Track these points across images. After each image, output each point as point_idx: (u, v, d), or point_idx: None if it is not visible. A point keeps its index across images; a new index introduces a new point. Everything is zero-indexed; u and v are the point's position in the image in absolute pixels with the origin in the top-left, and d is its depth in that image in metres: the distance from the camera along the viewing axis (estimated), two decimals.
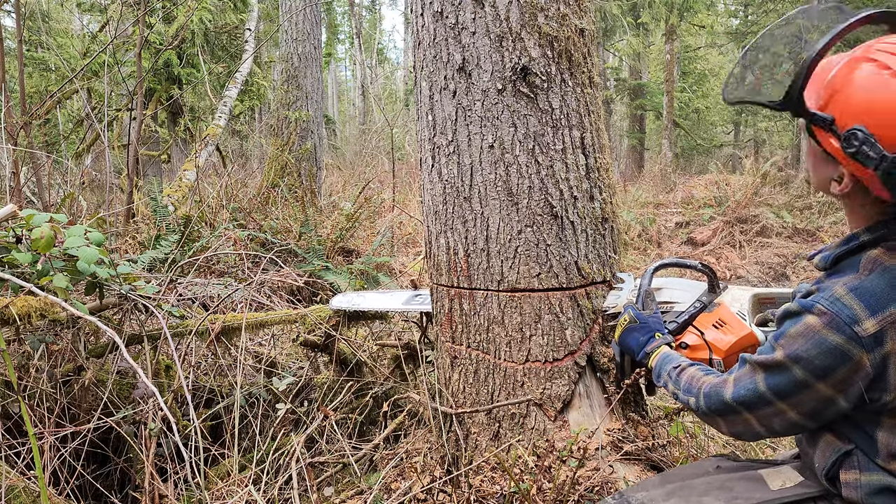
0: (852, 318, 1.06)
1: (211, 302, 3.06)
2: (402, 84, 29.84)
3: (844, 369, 1.08)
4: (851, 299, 1.07)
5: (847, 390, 1.10)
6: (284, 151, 7.46)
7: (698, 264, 1.78)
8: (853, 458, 1.16)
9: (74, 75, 5.73)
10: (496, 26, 1.88)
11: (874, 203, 1.13)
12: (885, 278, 1.08)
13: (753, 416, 1.22)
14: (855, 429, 1.17)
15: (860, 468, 1.15)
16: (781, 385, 1.15)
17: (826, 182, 1.18)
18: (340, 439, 2.27)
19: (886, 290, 1.06)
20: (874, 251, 1.11)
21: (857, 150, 1.04)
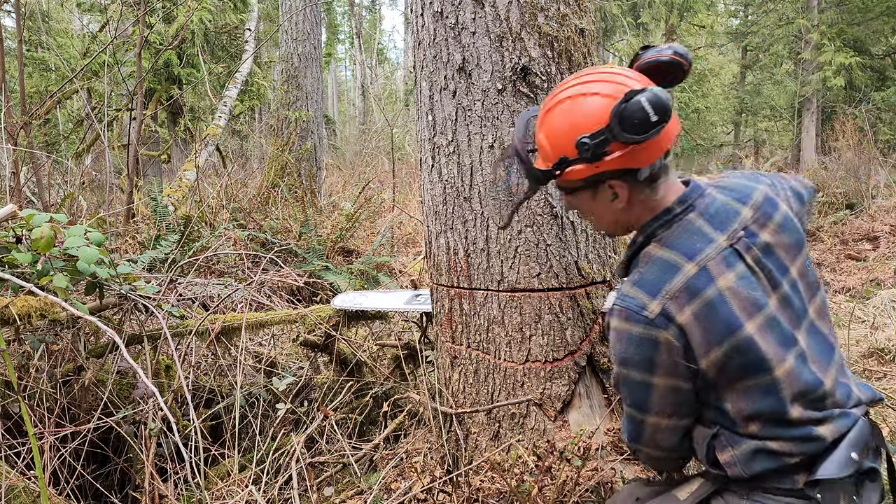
0: (640, 306, 1.19)
1: (211, 302, 3.06)
2: (402, 84, 29.84)
3: (660, 354, 1.19)
4: (636, 291, 1.21)
5: (677, 371, 1.19)
6: (284, 151, 7.46)
7: None
8: (720, 438, 1.23)
9: (74, 75, 5.73)
10: (496, 26, 1.88)
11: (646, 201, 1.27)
12: (657, 265, 1.22)
13: (644, 446, 1.34)
14: (711, 410, 1.25)
15: (730, 444, 1.22)
16: (632, 395, 1.27)
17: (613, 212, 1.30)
18: (340, 439, 2.27)
19: (659, 274, 1.20)
20: (647, 248, 1.27)
21: (592, 149, 1.18)
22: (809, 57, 12.41)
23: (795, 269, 1.25)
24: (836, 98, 13.34)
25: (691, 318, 1.17)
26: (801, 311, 1.23)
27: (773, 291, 1.21)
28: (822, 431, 1.17)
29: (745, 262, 1.21)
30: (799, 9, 13.11)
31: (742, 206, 1.26)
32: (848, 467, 1.16)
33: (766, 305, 1.18)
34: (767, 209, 1.26)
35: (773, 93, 17.17)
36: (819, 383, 1.19)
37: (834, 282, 5.81)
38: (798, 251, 1.26)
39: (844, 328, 3.81)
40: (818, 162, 10.55)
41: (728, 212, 1.25)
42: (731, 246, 1.21)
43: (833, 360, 1.24)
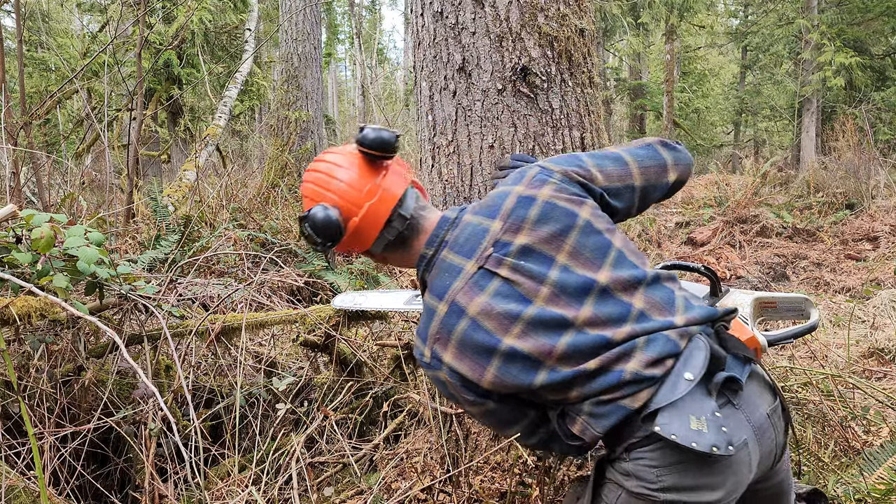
0: (420, 353, 1.34)
1: (211, 302, 3.06)
2: (402, 84, 29.83)
3: (448, 388, 1.33)
4: (416, 339, 1.35)
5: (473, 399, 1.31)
6: (284, 151, 7.46)
7: (701, 267, 1.78)
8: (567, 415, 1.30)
9: (74, 75, 5.73)
10: (496, 26, 1.88)
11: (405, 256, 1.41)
12: (425, 312, 1.34)
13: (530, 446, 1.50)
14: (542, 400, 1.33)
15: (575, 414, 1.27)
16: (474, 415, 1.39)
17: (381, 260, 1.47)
18: (340, 439, 2.27)
19: (425, 320, 1.32)
20: (424, 296, 1.37)
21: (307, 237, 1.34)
22: (809, 57, 12.41)
23: (565, 254, 1.27)
24: (836, 98, 13.34)
25: (454, 354, 1.27)
26: (583, 286, 1.25)
27: (539, 286, 1.25)
28: (632, 367, 1.19)
29: (500, 276, 1.26)
30: (799, 9, 13.11)
31: (492, 220, 1.31)
32: (683, 388, 1.16)
33: (523, 312, 1.23)
34: (519, 212, 1.30)
35: (773, 93, 17.17)
36: (602, 339, 1.22)
37: (834, 282, 5.81)
38: (565, 234, 1.28)
39: (844, 328, 3.82)
40: (818, 162, 10.55)
41: (477, 233, 1.31)
42: (480, 268, 1.28)
43: (631, 310, 1.25)
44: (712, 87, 20.98)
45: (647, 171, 1.40)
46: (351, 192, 1.31)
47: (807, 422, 2.43)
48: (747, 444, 1.18)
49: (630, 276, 1.27)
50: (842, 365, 3.25)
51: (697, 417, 1.14)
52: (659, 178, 1.42)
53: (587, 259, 1.27)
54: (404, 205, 1.35)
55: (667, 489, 1.17)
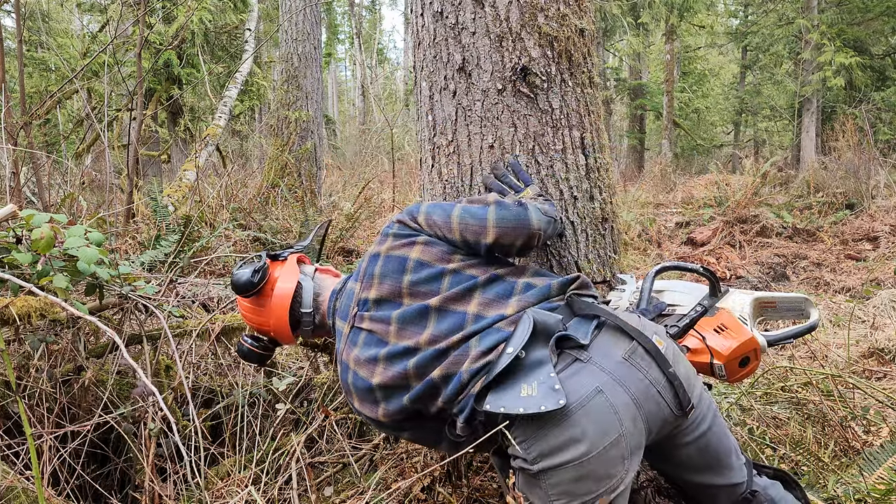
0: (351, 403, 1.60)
1: (211, 302, 3.06)
2: (402, 84, 29.84)
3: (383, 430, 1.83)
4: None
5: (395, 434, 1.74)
6: (284, 151, 7.46)
7: (700, 268, 1.78)
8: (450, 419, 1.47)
9: (74, 75, 5.73)
10: (496, 26, 1.88)
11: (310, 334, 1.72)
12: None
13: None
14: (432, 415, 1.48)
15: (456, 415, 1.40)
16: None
17: None
18: (340, 439, 2.27)
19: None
20: None
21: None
22: (809, 57, 12.41)
23: (404, 293, 1.45)
24: (836, 98, 13.35)
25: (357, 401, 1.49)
26: (420, 314, 1.42)
27: (388, 327, 1.44)
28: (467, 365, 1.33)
29: (365, 329, 1.47)
30: (799, 9, 13.11)
31: (355, 282, 1.54)
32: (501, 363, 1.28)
33: (379, 353, 1.43)
34: (369, 269, 1.50)
35: (773, 93, 17.18)
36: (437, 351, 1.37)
37: (834, 282, 5.81)
38: (400, 280, 1.46)
39: (844, 328, 3.82)
40: (818, 162, 10.55)
41: (349, 297, 1.54)
42: (352, 327, 1.49)
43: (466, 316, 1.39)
44: (712, 87, 20.99)
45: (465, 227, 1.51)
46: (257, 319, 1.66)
47: (807, 422, 2.43)
48: (601, 390, 1.25)
49: (461, 287, 1.41)
50: (842, 365, 3.25)
51: (529, 384, 1.25)
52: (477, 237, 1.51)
53: (423, 291, 1.44)
54: (302, 303, 1.62)
55: (536, 459, 1.26)
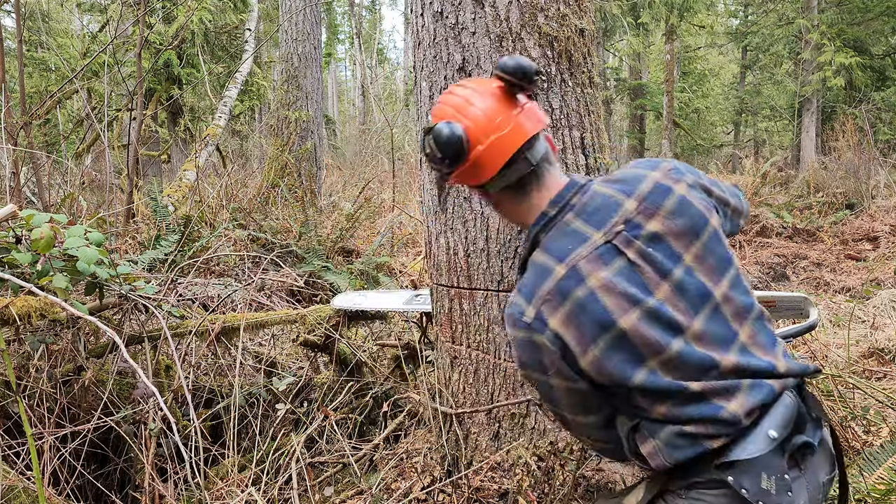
0: (520, 311, 1.22)
1: (211, 302, 3.06)
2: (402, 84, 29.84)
3: (545, 357, 1.21)
4: (517, 296, 1.24)
5: (565, 373, 1.21)
6: (284, 151, 7.45)
7: None
8: (641, 429, 1.21)
9: (74, 75, 5.73)
10: (496, 26, 1.88)
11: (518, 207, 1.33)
12: (534, 270, 1.25)
13: (581, 438, 1.36)
14: (626, 403, 1.23)
15: (650, 434, 1.19)
16: (542, 395, 1.30)
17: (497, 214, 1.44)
18: (340, 439, 2.27)
19: (534, 279, 1.23)
20: (533, 254, 1.29)
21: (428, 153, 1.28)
22: (809, 57, 12.40)
23: (691, 255, 1.21)
24: (836, 98, 13.34)
25: (563, 320, 1.18)
26: (701, 295, 1.20)
27: (662, 280, 1.19)
28: (733, 408, 1.13)
29: (626, 257, 1.19)
30: (799, 9, 13.11)
31: (626, 197, 1.25)
32: (764, 445, 1.12)
33: (644, 299, 1.17)
34: (656, 198, 1.24)
35: (773, 93, 17.17)
36: (710, 360, 1.16)
37: (834, 282, 5.81)
38: (695, 236, 1.22)
39: (844, 328, 3.81)
40: (818, 162, 10.55)
41: (609, 206, 1.24)
42: (607, 242, 1.21)
43: (736, 339, 1.20)
44: (712, 87, 20.97)
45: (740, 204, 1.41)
46: (482, 119, 1.24)
47: None
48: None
49: (742, 301, 1.23)
50: (842, 365, 3.24)
51: (768, 476, 1.12)
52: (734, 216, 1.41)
53: (710, 267, 1.22)
54: (533, 149, 1.27)
55: None
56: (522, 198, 1.30)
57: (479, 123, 1.23)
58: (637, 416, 1.22)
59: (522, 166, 1.27)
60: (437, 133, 1.22)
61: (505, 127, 1.23)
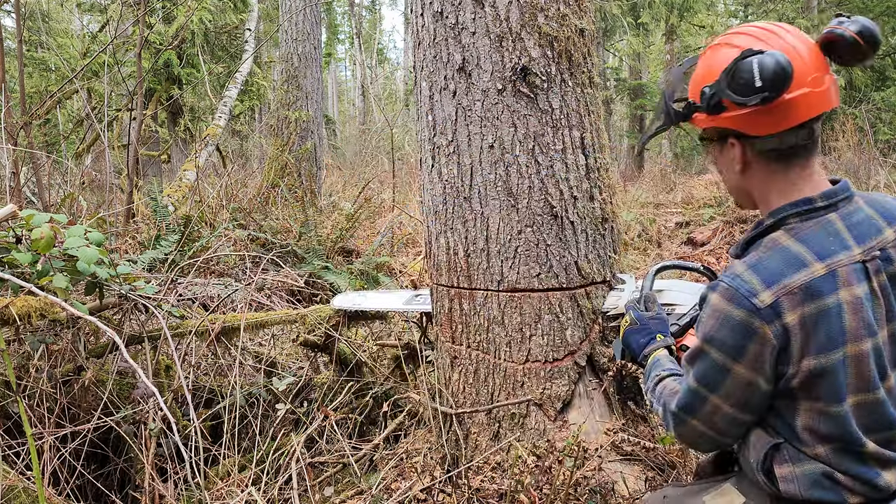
0: (750, 291, 1.11)
1: (211, 302, 3.06)
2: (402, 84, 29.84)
3: (753, 345, 1.11)
4: (749, 275, 1.13)
5: (762, 368, 1.13)
6: (284, 151, 7.46)
7: (700, 266, 1.78)
8: (783, 451, 1.17)
9: (74, 75, 5.73)
10: (496, 26, 1.88)
11: (771, 177, 1.21)
12: (781, 255, 1.14)
13: (697, 420, 1.24)
14: (779, 420, 1.18)
15: (792, 461, 1.16)
16: (705, 372, 1.18)
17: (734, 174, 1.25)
18: (340, 439, 2.27)
19: (781, 266, 1.12)
20: (775, 233, 1.18)
21: (709, 99, 1.16)
22: None
23: None
24: None
25: (800, 320, 1.09)
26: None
27: (886, 323, 1.14)
28: (889, 478, 1.12)
29: (871, 284, 1.13)
30: (799, 9, 13.12)
31: (887, 225, 1.18)
32: None
33: (876, 333, 1.12)
34: None
35: None
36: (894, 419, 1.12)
37: None
38: None
39: None
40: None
41: (870, 227, 1.17)
42: (862, 262, 1.13)
43: None
44: None
45: None
46: (805, 67, 1.13)
47: None
48: None
49: None
50: None
51: None
52: None
53: None
54: (818, 123, 1.18)
55: None
56: (782, 171, 1.20)
57: (802, 69, 1.13)
58: (783, 437, 1.18)
59: (804, 136, 1.17)
60: (767, 59, 1.09)
61: (819, 86, 1.14)
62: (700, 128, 1.24)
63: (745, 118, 1.15)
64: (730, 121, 1.17)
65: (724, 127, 1.19)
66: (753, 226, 1.25)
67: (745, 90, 1.11)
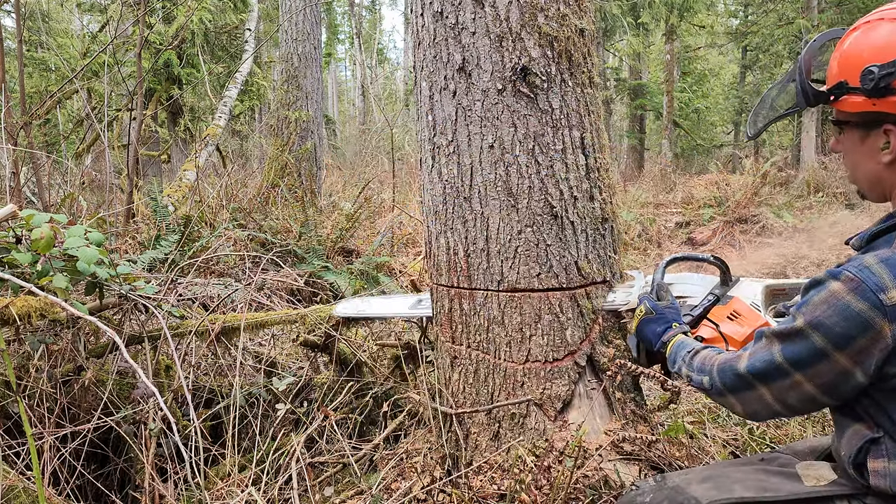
0: (879, 286, 1.05)
1: (211, 302, 3.06)
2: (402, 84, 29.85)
3: (864, 339, 1.06)
4: (881, 268, 1.06)
5: (864, 362, 1.08)
6: (284, 151, 7.46)
7: (710, 257, 1.78)
8: (881, 445, 1.14)
9: (74, 75, 5.73)
10: (496, 26, 1.88)
11: None
12: None
13: (768, 389, 1.19)
14: (881, 413, 1.14)
15: (888, 455, 1.12)
16: (799, 354, 1.13)
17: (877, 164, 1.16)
18: (340, 439, 2.27)
19: None
20: None
21: (877, 81, 1.06)
22: None
23: None
24: None
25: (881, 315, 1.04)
26: None
27: None
28: None
29: None
30: (799, 9, 13.12)
31: None
32: None
33: None
34: None
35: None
36: None
37: None
38: None
39: None
40: (818, 162, 10.55)
41: None
42: None
43: None
44: (712, 87, 20.99)
45: None
46: None
47: (806, 421, 2.43)
48: None
49: None
50: None
51: None
52: None
53: None
54: None
55: None
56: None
57: None
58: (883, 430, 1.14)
59: None
60: None
61: None
62: (847, 111, 1.15)
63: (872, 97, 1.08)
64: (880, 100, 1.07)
65: (885, 111, 1.09)
66: (884, 218, 1.18)
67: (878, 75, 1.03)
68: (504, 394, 1.98)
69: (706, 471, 1.40)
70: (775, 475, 1.30)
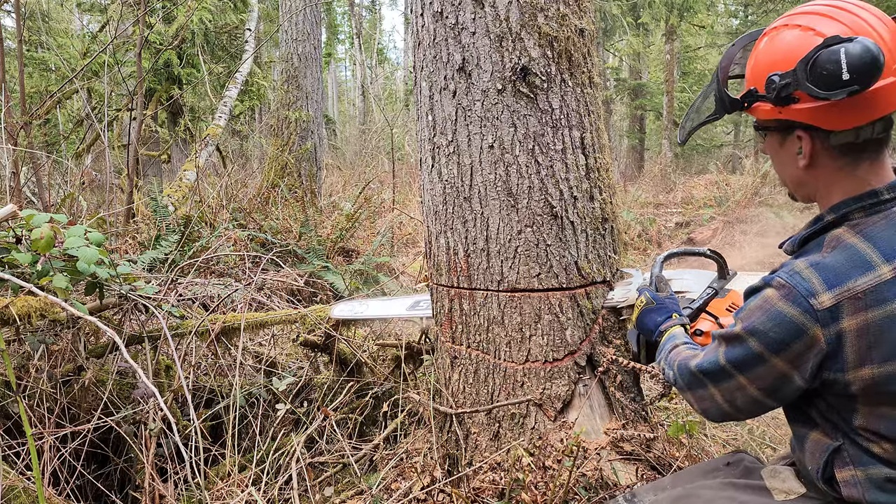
0: (809, 291, 1.05)
1: (211, 302, 3.06)
2: (402, 84, 29.84)
3: (799, 344, 1.07)
4: (811, 273, 1.07)
5: (801, 366, 1.09)
6: (284, 151, 7.46)
7: (707, 251, 1.78)
8: (843, 453, 1.13)
9: (74, 75, 5.73)
10: (496, 26, 1.88)
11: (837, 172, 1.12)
12: (845, 255, 1.06)
13: (717, 389, 1.21)
14: (838, 418, 1.14)
15: (854, 463, 1.12)
16: (739, 357, 1.14)
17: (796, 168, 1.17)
18: (340, 439, 2.27)
19: (845, 266, 1.05)
20: (838, 230, 1.11)
21: (778, 90, 1.06)
22: None
23: None
24: None
25: (860, 327, 1.03)
26: None
27: None
28: None
29: None
30: None
31: None
32: None
33: None
34: None
35: None
36: None
37: None
38: None
39: None
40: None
41: None
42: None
43: None
44: None
45: None
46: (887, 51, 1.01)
47: None
48: None
49: None
50: None
51: None
52: None
53: None
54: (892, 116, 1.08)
55: None
56: (850, 165, 1.10)
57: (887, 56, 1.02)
58: (842, 436, 1.14)
59: (880, 128, 1.08)
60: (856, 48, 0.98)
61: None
62: (760, 118, 1.15)
63: (821, 111, 1.05)
64: (802, 113, 1.07)
65: (792, 119, 1.09)
66: (812, 221, 1.18)
67: (829, 83, 1.00)
68: (504, 394, 1.98)
69: (676, 489, 1.39)
70: (743, 490, 1.30)
